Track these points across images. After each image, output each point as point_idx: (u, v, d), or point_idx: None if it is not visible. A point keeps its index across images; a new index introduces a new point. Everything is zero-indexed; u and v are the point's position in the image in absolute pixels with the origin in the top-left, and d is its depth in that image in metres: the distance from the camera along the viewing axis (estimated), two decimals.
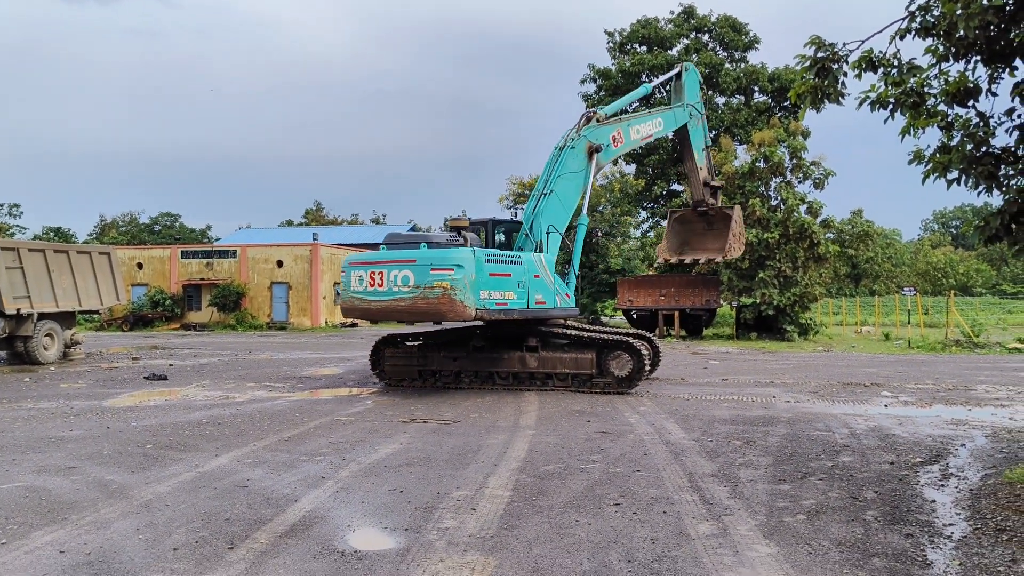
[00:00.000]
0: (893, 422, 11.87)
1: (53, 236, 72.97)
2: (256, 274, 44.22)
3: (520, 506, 7.19)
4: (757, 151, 33.79)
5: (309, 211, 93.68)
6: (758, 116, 40.69)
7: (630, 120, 18.10)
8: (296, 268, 44.01)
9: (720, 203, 21.02)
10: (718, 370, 20.19)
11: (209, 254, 45.81)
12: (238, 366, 21.29)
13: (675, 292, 34.80)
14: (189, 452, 9.70)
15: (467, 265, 13.85)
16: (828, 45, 6.90)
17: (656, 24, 43.07)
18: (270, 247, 45.85)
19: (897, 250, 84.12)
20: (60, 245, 24.17)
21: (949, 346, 28.29)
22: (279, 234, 64.57)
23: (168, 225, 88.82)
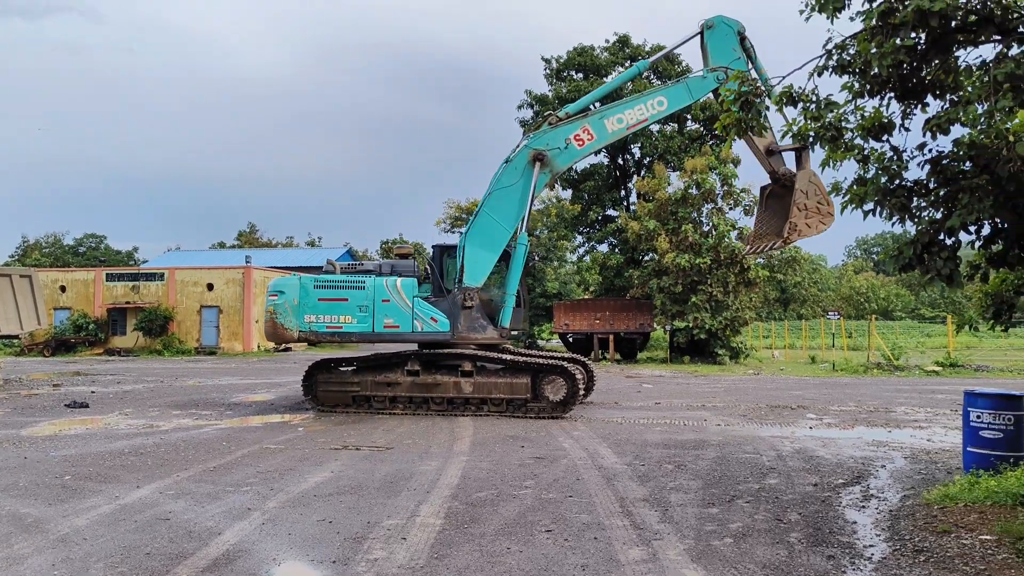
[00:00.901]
0: (817, 444, 12.19)
1: None
2: (185, 297, 43.12)
3: (451, 534, 7.13)
4: (690, 178, 34.56)
5: (243, 233, 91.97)
6: (690, 144, 41.64)
7: (606, 111, 16.38)
8: (228, 291, 43.08)
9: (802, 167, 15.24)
10: (651, 394, 20.45)
11: (136, 277, 44.51)
12: (164, 393, 20.67)
13: (610, 316, 35.21)
14: (109, 483, 9.36)
15: (288, 291, 15.70)
16: (752, 80, 7.15)
17: (592, 52, 43.82)
18: (200, 270, 44.79)
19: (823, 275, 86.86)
20: None
21: (871, 369, 29.24)
22: (210, 256, 63.19)
23: (93, 247, 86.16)
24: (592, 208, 44.62)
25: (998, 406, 8.94)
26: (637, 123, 16.44)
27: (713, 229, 33.95)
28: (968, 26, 6.81)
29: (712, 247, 33.04)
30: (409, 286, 15.91)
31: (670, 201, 34.68)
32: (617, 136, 16.55)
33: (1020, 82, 6.30)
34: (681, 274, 33.12)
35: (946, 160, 6.96)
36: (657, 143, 41.78)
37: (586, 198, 45.06)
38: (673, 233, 34.11)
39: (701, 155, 35.90)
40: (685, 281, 33.27)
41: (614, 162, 45.22)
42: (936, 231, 6.82)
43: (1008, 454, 8.82)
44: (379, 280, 15.92)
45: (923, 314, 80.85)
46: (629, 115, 16.30)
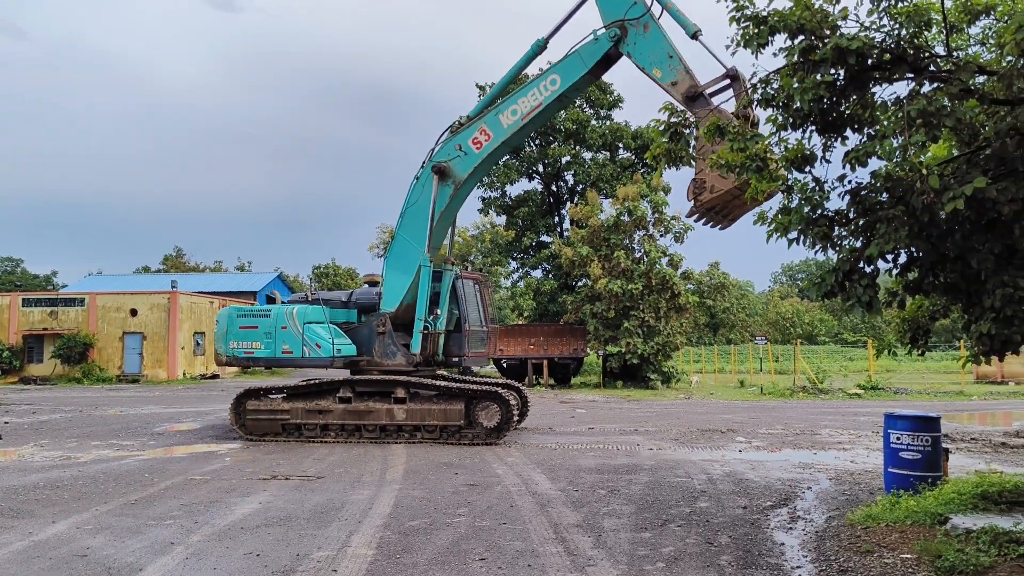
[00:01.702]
0: (747, 467, 12.42)
1: None
2: (106, 323, 41.64)
3: (383, 565, 7.01)
4: (622, 205, 35.12)
5: (168, 257, 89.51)
6: (623, 171, 42.37)
7: (498, 107, 15.58)
8: (152, 317, 41.77)
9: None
10: (585, 419, 20.56)
11: (54, 302, 42.80)
12: (83, 423, 19.86)
13: (544, 341, 35.37)
14: (23, 519, 8.91)
15: (221, 320, 16.73)
16: (680, 112, 7.34)
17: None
18: (123, 295, 43.35)
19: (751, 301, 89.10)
20: None
21: (797, 392, 30.01)
22: (134, 281, 61.27)
23: (8, 271, 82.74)
24: (526, 234, 44.93)
25: (916, 428, 9.27)
26: (533, 110, 15.18)
27: (645, 255, 34.51)
28: (883, 64, 7.13)
29: (644, 273, 33.56)
30: (303, 313, 16.14)
31: (603, 228, 35.16)
32: (515, 129, 15.43)
33: (932, 118, 6.61)
34: (614, 300, 33.52)
35: (864, 191, 7.25)
36: (590, 171, 42.41)
37: (520, 224, 45.35)
38: (606, 259, 34.55)
39: (633, 183, 36.57)
40: (618, 307, 33.68)
41: (548, 189, 45.70)
42: (856, 259, 7.07)
43: (926, 474, 9.15)
44: (279, 308, 16.43)
45: (846, 339, 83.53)
46: (523, 103, 15.28)
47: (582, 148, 43.47)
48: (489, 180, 44.71)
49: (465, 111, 16.72)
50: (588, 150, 43.57)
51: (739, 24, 7.26)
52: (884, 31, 7.28)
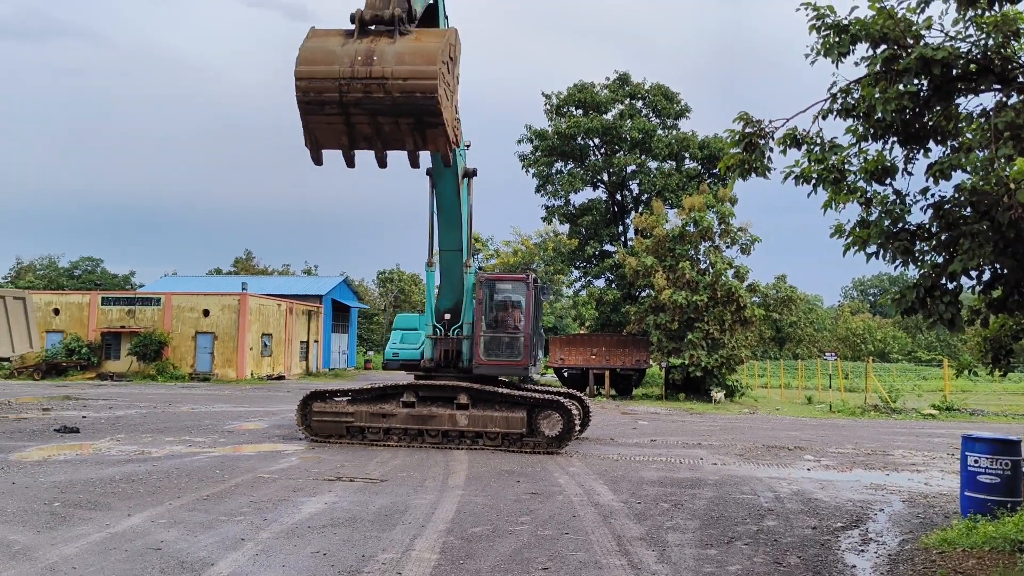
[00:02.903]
0: (815, 486, 12.11)
1: None
2: (180, 323, 42.95)
3: (447, 570, 7.04)
4: (687, 215, 34.74)
5: (239, 260, 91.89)
6: (688, 181, 41.94)
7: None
8: (223, 318, 42.93)
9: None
10: (647, 431, 20.34)
11: (131, 301, 44.34)
12: (157, 419, 20.51)
13: (606, 351, 35.14)
14: (100, 511, 9.24)
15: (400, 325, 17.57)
16: (755, 121, 7.22)
17: (592, 89, 44.28)
18: (196, 295, 44.66)
19: (819, 315, 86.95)
20: None
21: (868, 411, 29.16)
22: (206, 282, 63.03)
23: (89, 270, 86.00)
24: (589, 243, 44.78)
25: (996, 451, 8.92)
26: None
27: (710, 267, 34.06)
28: (969, 75, 6.91)
29: (709, 285, 33.11)
30: (401, 320, 17.47)
31: (668, 238, 34.83)
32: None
33: (1020, 131, 6.38)
34: (678, 311, 33.14)
35: (948, 205, 7.03)
36: (656, 180, 42.10)
37: (583, 233, 45.24)
38: (670, 270, 34.20)
39: (699, 193, 36.15)
40: (681, 318, 33.28)
41: (612, 198, 45.50)
42: (938, 275, 6.86)
43: (1005, 499, 8.79)
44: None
45: (920, 357, 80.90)
46: None
47: (648, 157, 43.19)
48: (553, 188, 44.76)
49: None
50: (654, 159, 43.26)
51: (819, 33, 7.13)
52: (970, 41, 7.06)
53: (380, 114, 10.51)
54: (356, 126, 10.73)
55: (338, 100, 10.41)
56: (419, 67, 10.14)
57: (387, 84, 10.15)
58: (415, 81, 10.06)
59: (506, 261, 47.12)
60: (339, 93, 10.34)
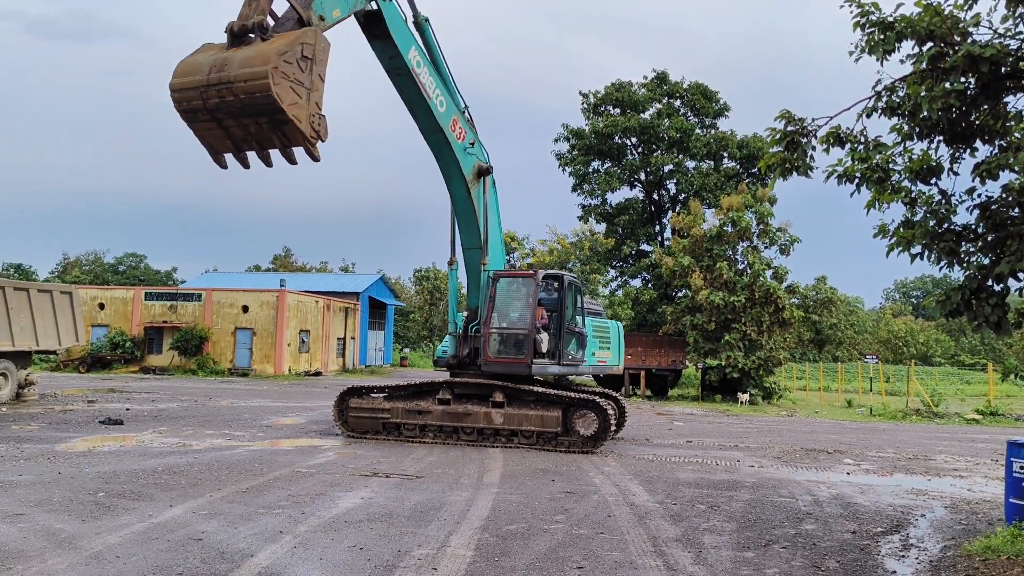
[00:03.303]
0: (855, 490, 11.93)
1: (13, 273, 71.67)
2: (220, 319, 43.63)
3: (482, 567, 7.07)
4: (725, 215, 34.43)
5: (278, 257, 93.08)
6: (727, 181, 41.55)
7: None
8: (262, 314, 43.52)
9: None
10: (683, 431, 20.20)
11: (174, 296, 45.14)
12: (197, 412, 20.86)
13: (642, 352, 34.95)
14: (143, 501, 9.43)
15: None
16: (798, 120, 7.14)
17: (630, 88, 44.08)
18: (236, 292, 45.32)
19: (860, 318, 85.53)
20: (20, 283, 23.70)
21: (909, 415, 28.64)
22: (246, 279, 63.92)
23: (133, 266, 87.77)
24: (626, 242, 44.59)
25: None
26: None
27: (748, 267, 33.72)
28: (1018, 72, 6.75)
29: (747, 285, 32.78)
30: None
31: (705, 238, 34.56)
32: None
33: None
34: (715, 312, 32.87)
35: (995, 206, 6.88)
36: (693, 180, 41.77)
37: (620, 232, 45.05)
38: (707, 270, 33.92)
39: (737, 193, 35.80)
40: (719, 319, 33.00)
41: (649, 197, 45.24)
42: (984, 277, 6.72)
43: None
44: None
45: (963, 360, 79.28)
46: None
47: (685, 157, 42.88)
48: (590, 188, 44.63)
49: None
50: (692, 159, 42.94)
51: (863, 30, 7.02)
52: (1020, 38, 6.89)
53: (240, 116, 11.19)
54: (229, 129, 11.43)
55: (203, 107, 11.13)
56: (255, 68, 10.76)
57: (233, 87, 10.83)
58: (253, 82, 10.70)
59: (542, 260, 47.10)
60: (202, 100, 11.06)
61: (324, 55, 11.76)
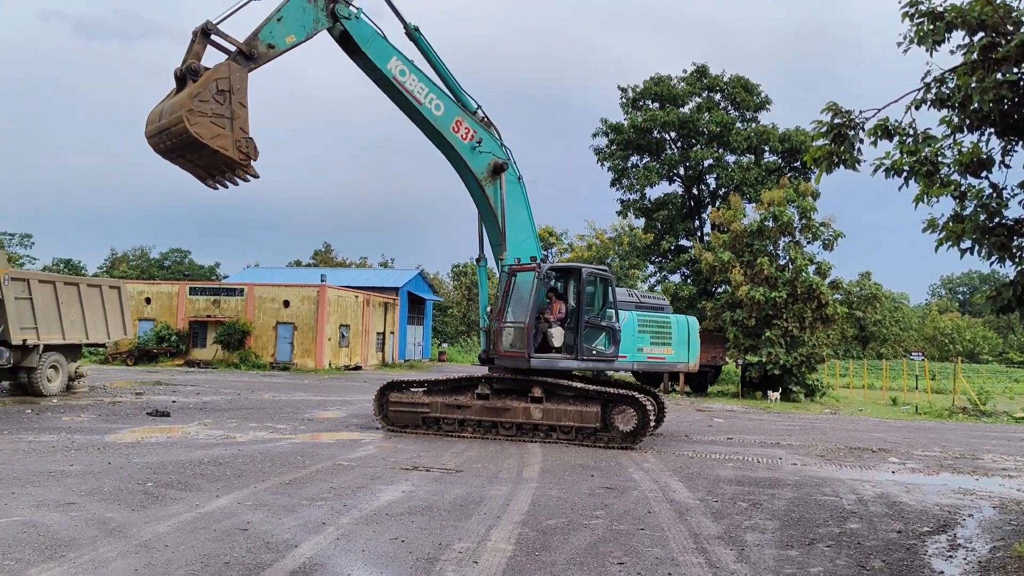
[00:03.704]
0: (900, 489, 11.73)
1: (63, 268, 73.45)
2: (262, 313, 44.27)
3: (523, 561, 7.09)
4: (766, 210, 34.00)
5: (318, 252, 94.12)
6: (768, 175, 41.02)
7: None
8: (302, 309, 44.07)
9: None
10: (723, 428, 20.03)
11: (217, 291, 45.90)
12: (240, 405, 21.21)
13: None
14: (190, 491, 9.62)
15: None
16: (844, 112, 7.01)
17: (669, 82, 43.72)
18: (277, 287, 45.94)
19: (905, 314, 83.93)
20: (71, 277, 24.29)
21: (956, 413, 28.05)
22: (287, 274, 64.75)
23: (178, 261, 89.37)
24: (665, 237, 44.27)
25: None
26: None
27: (790, 263, 33.28)
28: None
29: (788, 281, 32.35)
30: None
31: (746, 233, 34.16)
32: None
33: None
34: (755, 307, 32.50)
35: None
36: (733, 174, 41.33)
37: (659, 227, 44.75)
38: (748, 266, 33.54)
39: (779, 187, 35.33)
40: (759, 315, 32.62)
41: (688, 192, 44.86)
42: None
43: None
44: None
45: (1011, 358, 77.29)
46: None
47: (725, 151, 42.44)
48: (628, 183, 44.37)
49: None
50: (732, 153, 42.48)
51: (912, 20, 6.88)
52: None
53: (185, 153, 13.15)
54: (193, 162, 13.42)
55: (164, 149, 13.18)
56: (176, 114, 12.53)
57: (170, 132, 12.76)
58: (177, 127, 12.54)
59: (580, 255, 46.99)
60: (161, 144, 13.10)
61: (241, 83, 13.27)
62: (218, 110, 12.79)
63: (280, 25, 14.12)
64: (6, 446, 12.76)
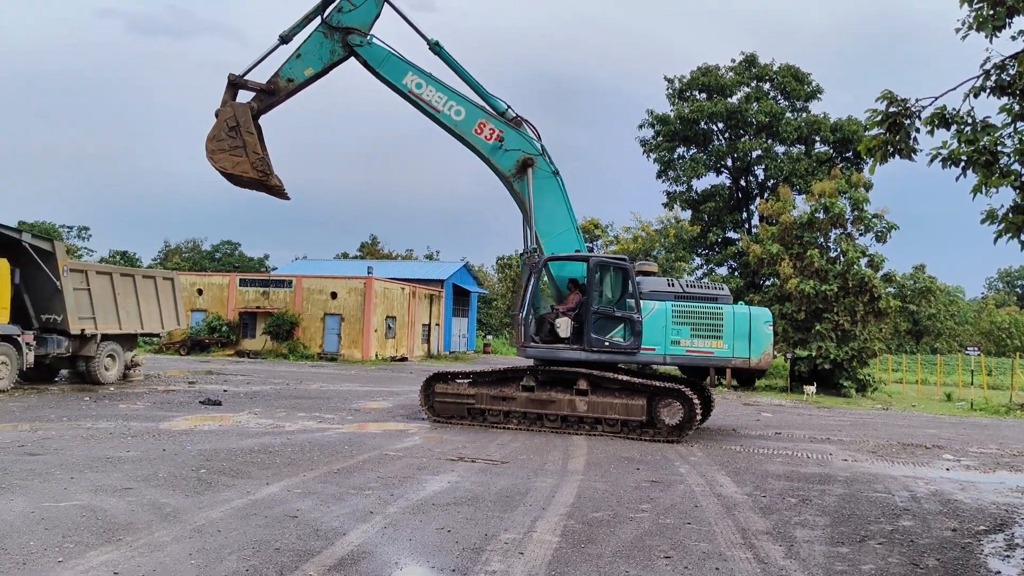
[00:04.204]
0: (955, 487, 11.46)
1: (119, 260, 75.38)
2: (310, 304, 44.89)
3: (568, 553, 7.09)
4: (817, 201, 33.40)
5: (365, 244, 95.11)
6: (818, 166, 40.26)
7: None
8: (349, 300, 44.59)
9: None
10: (771, 423, 19.77)
11: (266, 283, 46.66)
12: (289, 395, 21.56)
13: None
14: (241, 479, 9.82)
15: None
16: (900, 100, 6.82)
17: (717, 72, 43.12)
18: (325, 278, 46.54)
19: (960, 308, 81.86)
20: (126, 269, 24.91)
21: (1013, 410, 27.28)
22: (334, 266, 65.54)
23: (228, 253, 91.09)
24: (712, 230, 43.75)
25: None
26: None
27: (841, 255, 32.65)
28: None
29: (840, 274, 31.76)
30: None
31: (795, 225, 33.62)
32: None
33: None
34: (805, 301, 31.97)
35: None
36: (783, 165, 40.65)
37: (706, 219, 44.25)
38: (797, 258, 33.00)
39: (830, 178, 34.66)
40: (809, 308, 32.09)
41: (736, 183, 44.25)
42: None
43: None
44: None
45: None
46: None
47: (775, 142, 41.75)
48: (675, 174, 43.94)
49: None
50: (781, 144, 41.78)
51: (971, 5, 6.66)
52: None
53: (233, 181, 16.64)
54: (247, 186, 16.85)
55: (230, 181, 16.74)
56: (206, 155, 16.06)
57: (214, 169, 16.32)
58: (209, 163, 16.10)
59: (626, 247, 46.68)
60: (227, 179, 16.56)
61: (244, 117, 15.91)
62: (233, 143, 15.63)
63: (299, 61, 16.42)
64: (66, 432, 13.17)
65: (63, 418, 14.98)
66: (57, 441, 12.20)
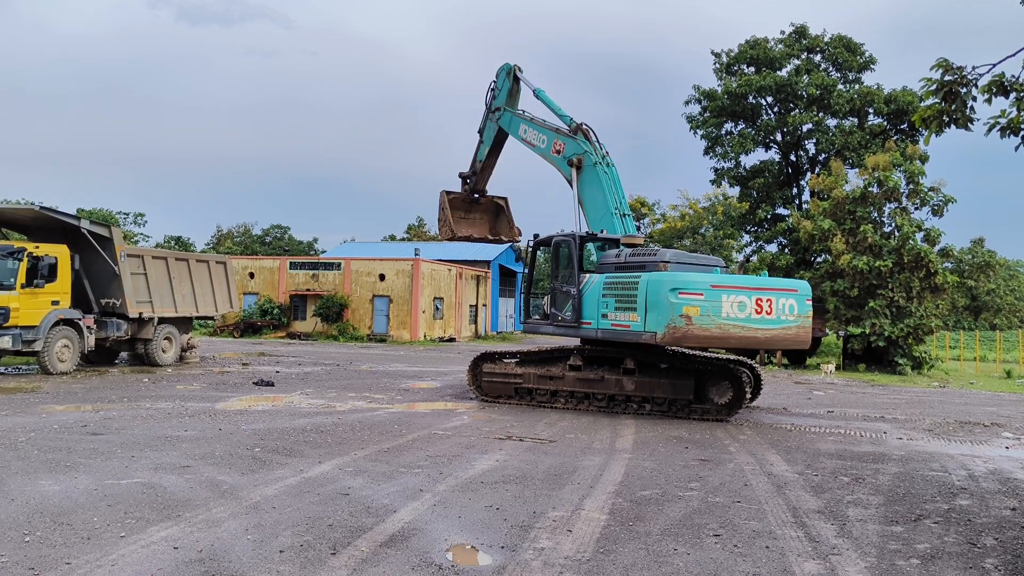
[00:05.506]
0: (1015, 465, 11.17)
1: (174, 244, 77.07)
2: (359, 287, 45.45)
3: (616, 530, 7.11)
4: (870, 175, 32.60)
5: (411, 227, 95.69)
6: (872, 139, 39.18)
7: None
8: (397, 282, 45.01)
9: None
10: (823, 401, 19.48)
11: (315, 266, 47.35)
12: (339, 376, 21.90)
13: None
14: (294, 457, 10.03)
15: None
16: (956, 68, 6.60)
17: (765, 44, 42.16)
18: (373, 261, 47.03)
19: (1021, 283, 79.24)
20: (181, 253, 25.50)
21: None
22: (382, 248, 66.22)
23: (278, 237, 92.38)
24: (761, 206, 42.96)
25: None
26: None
27: (896, 230, 31.86)
28: None
29: (894, 249, 31.01)
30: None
31: (848, 200, 32.88)
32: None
33: None
34: (858, 277, 31.32)
35: None
36: (834, 139, 39.64)
37: (755, 196, 43.46)
38: (850, 234, 32.30)
39: (884, 151, 33.76)
40: (862, 285, 31.43)
41: (786, 159, 43.35)
42: None
43: None
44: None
45: None
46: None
47: (826, 115, 40.71)
48: (722, 150, 43.22)
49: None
50: (833, 116, 40.71)
51: None
52: None
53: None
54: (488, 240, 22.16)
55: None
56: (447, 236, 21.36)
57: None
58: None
59: (673, 225, 46.23)
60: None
61: (443, 201, 20.62)
62: (449, 218, 20.35)
63: (483, 145, 20.29)
64: (126, 412, 13.59)
65: (123, 399, 15.45)
66: (118, 421, 12.60)
